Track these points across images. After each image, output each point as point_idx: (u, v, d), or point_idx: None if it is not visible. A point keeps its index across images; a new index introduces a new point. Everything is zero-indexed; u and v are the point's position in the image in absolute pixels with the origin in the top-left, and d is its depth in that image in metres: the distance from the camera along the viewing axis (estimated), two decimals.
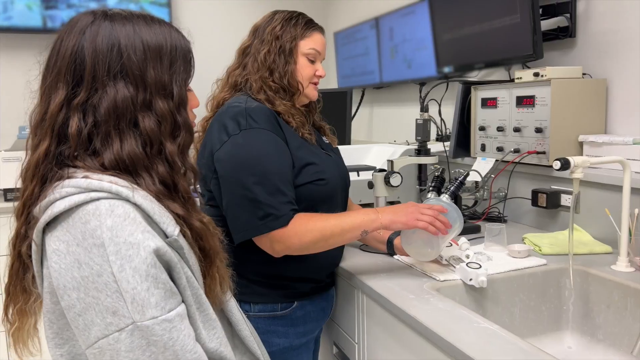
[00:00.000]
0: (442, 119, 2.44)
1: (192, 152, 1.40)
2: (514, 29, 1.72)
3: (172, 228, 0.78)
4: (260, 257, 1.23)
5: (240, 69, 1.37)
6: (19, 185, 0.80)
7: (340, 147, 2.36)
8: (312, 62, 1.37)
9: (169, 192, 0.82)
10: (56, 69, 0.78)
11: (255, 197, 1.16)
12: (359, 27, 3.04)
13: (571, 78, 1.64)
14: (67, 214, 0.73)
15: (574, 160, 1.22)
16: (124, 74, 0.78)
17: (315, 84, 1.39)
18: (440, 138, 2.35)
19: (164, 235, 0.78)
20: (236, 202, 1.18)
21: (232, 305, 0.99)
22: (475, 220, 1.81)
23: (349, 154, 2.26)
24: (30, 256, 0.77)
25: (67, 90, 0.76)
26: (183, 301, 0.79)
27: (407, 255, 1.36)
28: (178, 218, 0.81)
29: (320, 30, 1.41)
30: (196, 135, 1.36)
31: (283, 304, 1.29)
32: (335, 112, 2.75)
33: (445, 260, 1.33)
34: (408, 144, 2.30)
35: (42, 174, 0.76)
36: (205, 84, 1.37)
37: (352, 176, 1.92)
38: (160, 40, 0.82)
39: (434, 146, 2.25)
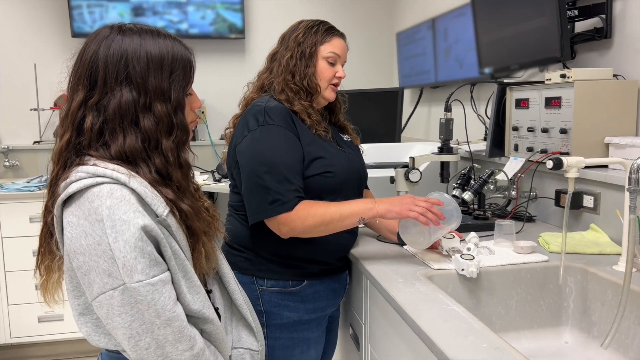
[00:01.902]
0: (489, 119, 2.47)
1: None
2: (542, 31, 1.74)
3: (162, 209, 0.95)
4: (274, 238, 1.39)
5: (267, 73, 1.54)
6: None
7: (385, 145, 2.48)
8: (332, 64, 1.51)
9: (163, 180, 0.99)
10: (78, 74, 0.98)
11: (266, 184, 1.32)
12: (418, 27, 3.11)
13: (599, 79, 1.64)
14: (79, 194, 0.92)
15: (567, 160, 1.26)
16: (129, 81, 0.96)
17: (336, 84, 1.53)
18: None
19: (155, 215, 0.95)
20: (250, 189, 1.36)
21: (230, 277, 1.16)
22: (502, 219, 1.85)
23: (392, 151, 2.37)
24: (54, 225, 0.97)
25: (85, 92, 0.96)
26: (168, 269, 0.95)
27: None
28: (169, 201, 0.98)
29: (341, 35, 1.54)
30: (228, 131, 1.55)
31: (293, 282, 1.45)
32: (386, 110, 2.86)
33: (446, 251, 1.42)
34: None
35: (64, 160, 0.96)
36: None
37: (386, 172, 2.03)
38: (162, 52, 0.99)
39: (478, 145, 2.30)
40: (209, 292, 1.10)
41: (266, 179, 1.33)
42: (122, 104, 0.95)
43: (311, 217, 1.31)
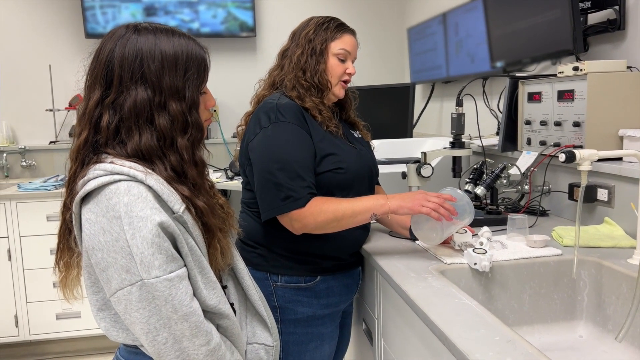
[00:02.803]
0: (502, 113, 2.46)
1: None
2: (555, 23, 1.73)
3: (178, 206, 0.96)
4: (288, 234, 1.40)
5: (278, 70, 1.55)
6: None
7: (397, 140, 2.48)
8: (343, 61, 1.51)
9: (179, 177, 1.00)
10: (94, 73, 0.99)
11: (278, 181, 1.33)
12: (429, 22, 3.10)
13: (613, 72, 1.62)
14: (96, 191, 0.93)
15: (579, 152, 1.25)
16: (144, 80, 0.97)
17: (346, 81, 1.54)
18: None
19: (171, 212, 0.96)
20: (263, 185, 1.37)
21: (244, 274, 1.17)
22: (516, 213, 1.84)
23: (404, 147, 2.37)
24: (72, 222, 0.98)
25: (101, 91, 0.97)
26: (185, 265, 0.96)
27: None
28: (185, 198, 0.99)
29: (351, 32, 1.54)
30: (240, 128, 1.56)
31: (307, 277, 1.46)
32: (398, 106, 2.86)
33: (458, 245, 1.42)
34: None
35: (82, 158, 0.98)
36: None
37: (398, 168, 2.03)
38: (177, 51, 1.00)
39: (491, 140, 2.29)
40: (224, 287, 1.12)
41: (278, 176, 1.34)
42: (138, 103, 0.96)
43: (323, 213, 1.32)
